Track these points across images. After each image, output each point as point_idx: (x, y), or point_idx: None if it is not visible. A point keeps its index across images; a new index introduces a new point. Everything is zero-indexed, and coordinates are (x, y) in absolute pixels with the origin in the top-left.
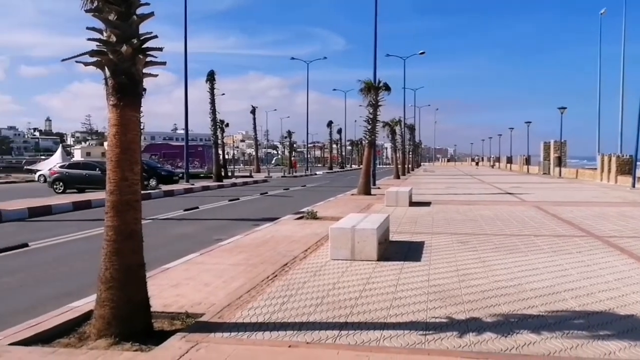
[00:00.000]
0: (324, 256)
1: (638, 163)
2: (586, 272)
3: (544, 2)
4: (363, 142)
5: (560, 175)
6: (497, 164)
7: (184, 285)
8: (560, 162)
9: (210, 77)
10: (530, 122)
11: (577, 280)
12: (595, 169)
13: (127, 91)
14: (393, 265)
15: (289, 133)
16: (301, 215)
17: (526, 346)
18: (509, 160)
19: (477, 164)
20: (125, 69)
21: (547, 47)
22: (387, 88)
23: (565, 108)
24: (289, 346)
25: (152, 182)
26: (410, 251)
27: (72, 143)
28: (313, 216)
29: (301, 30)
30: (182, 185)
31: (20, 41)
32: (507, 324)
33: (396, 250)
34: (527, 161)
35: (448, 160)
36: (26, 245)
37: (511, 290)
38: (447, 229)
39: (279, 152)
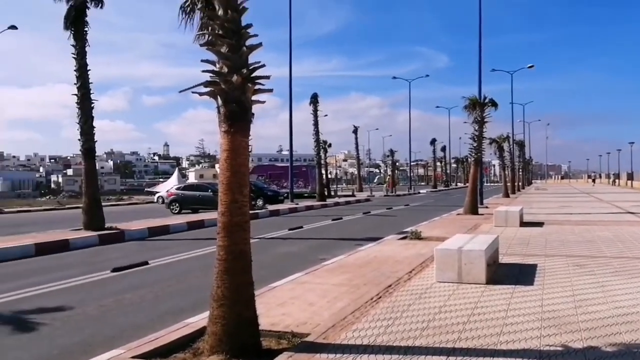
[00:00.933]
0: (429, 278)
1: None
2: None
3: None
4: (468, 159)
5: None
6: (617, 180)
7: (290, 305)
8: None
9: (314, 100)
10: None
11: None
12: None
13: (237, 118)
14: (503, 289)
15: (391, 152)
16: (404, 235)
17: None
18: (630, 177)
19: (593, 181)
20: (235, 97)
21: None
22: (493, 104)
23: None
24: None
25: (259, 202)
26: (521, 274)
27: (187, 166)
28: (417, 236)
29: (402, 50)
30: (287, 205)
31: (141, 73)
32: (629, 354)
33: (506, 273)
34: None
35: (562, 178)
36: (146, 263)
37: (634, 318)
38: (561, 251)
39: (382, 170)
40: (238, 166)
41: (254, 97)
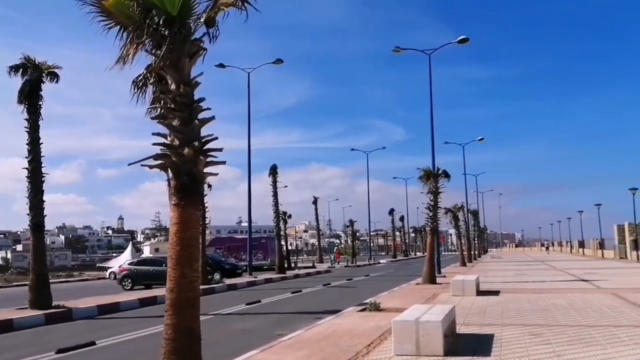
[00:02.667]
0: (388, 351)
1: None
2: None
3: (606, 86)
4: (426, 229)
5: (638, 259)
6: (567, 248)
7: None
8: (636, 245)
9: (273, 171)
10: (600, 205)
11: None
12: None
13: (188, 191)
14: None
15: (351, 222)
16: (364, 307)
17: None
18: (581, 245)
19: (547, 248)
20: (187, 170)
21: (611, 129)
22: (447, 175)
23: (637, 189)
24: None
25: (216, 276)
26: (479, 345)
27: (142, 240)
28: (376, 308)
29: (360, 122)
30: (245, 279)
31: (96, 145)
32: None
33: (464, 344)
34: (601, 245)
35: (516, 246)
36: (93, 343)
37: None
38: (518, 320)
39: (342, 241)
40: (188, 240)
41: (206, 170)
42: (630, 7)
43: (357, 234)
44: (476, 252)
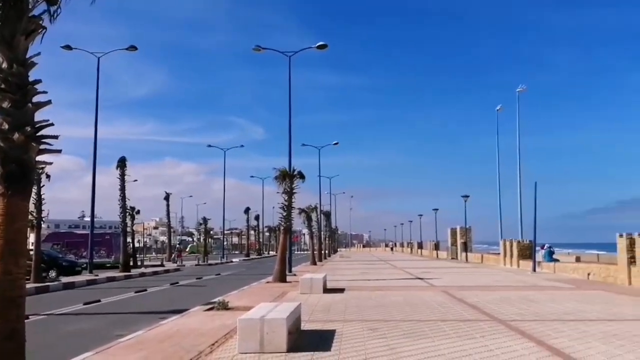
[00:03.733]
0: (232, 350)
1: (537, 248)
2: (489, 357)
3: (450, 98)
4: (280, 228)
5: (467, 260)
6: (408, 249)
7: None
8: (466, 247)
9: (121, 164)
10: (437, 209)
11: None
12: (499, 253)
13: (16, 179)
14: (303, 357)
15: (204, 220)
16: (212, 306)
17: None
18: (420, 246)
19: (392, 249)
20: (16, 156)
21: (454, 139)
22: (302, 176)
23: (468, 196)
24: None
25: (52, 274)
26: (321, 340)
27: None
28: (224, 307)
29: (219, 119)
30: (85, 277)
31: None
32: None
33: (307, 340)
34: (437, 246)
35: (363, 246)
36: None
37: None
38: (359, 316)
39: (195, 239)
40: (14, 233)
41: (39, 158)
42: (475, 27)
43: (212, 232)
44: (327, 252)
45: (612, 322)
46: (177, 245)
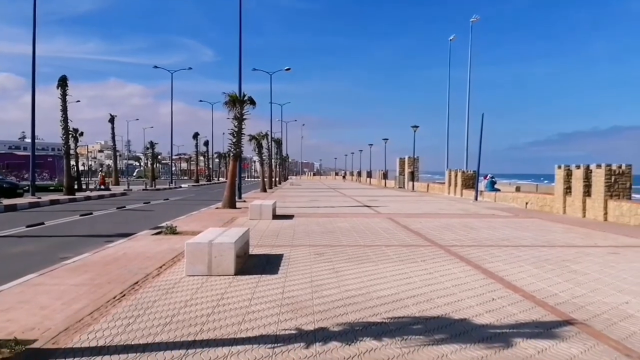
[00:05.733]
0: (179, 273)
1: (480, 178)
2: (428, 279)
3: (404, 29)
4: (229, 154)
5: (413, 189)
6: (358, 178)
7: (17, 310)
8: (413, 176)
9: (62, 83)
10: (387, 139)
11: (419, 287)
12: (444, 183)
13: None
14: (250, 279)
15: (152, 144)
16: (159, 230)
17: (367, 353)
18: (369, 175)
19: (343, 177)
20: None
21: (405, 69)
22: (252, 102)
23: (417, 127)
24: None
25: None
26: (268, 264)
27: None
28: (172, 231)
29: (167, 39)
30: (27, 199)
31: None
32: (352, 332)
33: (255, 263)
34: (385, 175)
35: (314, 175)
36: None
37: (359, 299)
38: (306, 242)
39: (142, 163)
40: None
41: None
42: None
43: (160, 157)
44: (277, 179)
45: (545, 248)
46: (100, 172)
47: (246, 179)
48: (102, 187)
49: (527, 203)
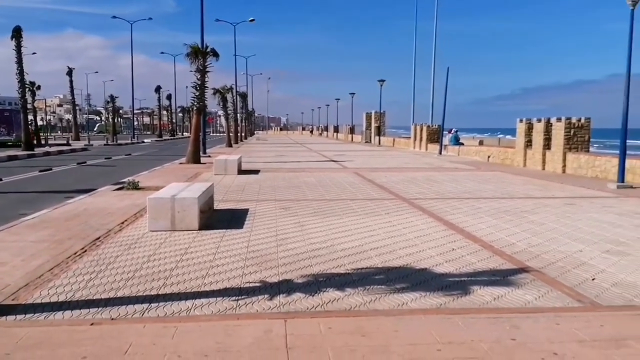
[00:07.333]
0: (142, 228)
1: (445, 132)
2: (391, 231)
3: None
4: (193, 108)
5: (379, 143)
6: (325, 132)
7: None
8: (379, 131)
9: (16, 34)
10: (354, 94)
11: (383, 239)
12: (410, 137)
13: None
14: (214, 234)
15: (112, 97)
16: (121, 185)
17: (330, 303)
18: (336, 130)
19: (311, 132)
20: None
21: (374, 21)
22: (215, 54)
23: (384, 81)
24: (91, 324)
25: None
26: (233, 219)
27: None
28: (134, 186)
29: None
30: None
31: None
32: (316, 284)
33: (220, 218)
34: (352, 130)
35: (281, 129)
36: None
37: (324, 252)
38: (272, 196)
39: (103, 118)
40: None
41: None
42: None
43: (121, 111)
44: (243, 134)
45: (504, 200)
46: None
47: (211, 134)
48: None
49: (489, 156)
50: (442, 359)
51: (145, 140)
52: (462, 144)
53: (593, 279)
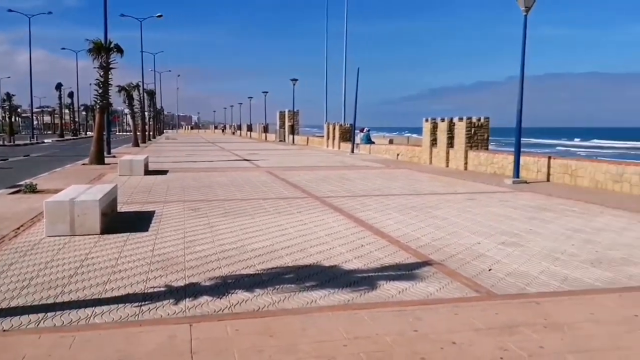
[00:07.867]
0: (39, 233)
1: (357, 131)
2: (303, 230)
3: None
4: (97, 107)
5: (293, 142)
6: (238, 131)
7: None
8: (293, 130)
9: None
10: (267, 92)
11: (294, 238)
12: (323, 136)
13: None
14: (117, 238)
15: (8, 95)
16: (18, 189)
17: (238, 305)
18: (250, 128)
19: (223, 131)
20: None
21: (285, 20)
22: (119, 50)
23: (297, 80)
24: None
25: None
26: (138, 221)
27: None
28: (32, 189)
29: None
30: None
31: None
32: (224, 286)
33: (123, 221)
34: (265, 129)
35: (192, 128)
36: None
37: (233, 253)
38: (181, 197)
39: None
40: None
41: None
42: None
43: (19, 109)
44: (151, 133)
45: (411, 196)
46: None
47: (117, 134)
48: None
49: (398, 155)
50: (348, 354)
51: (46, 141)
52: (374, 142)
53: (489, 270)
